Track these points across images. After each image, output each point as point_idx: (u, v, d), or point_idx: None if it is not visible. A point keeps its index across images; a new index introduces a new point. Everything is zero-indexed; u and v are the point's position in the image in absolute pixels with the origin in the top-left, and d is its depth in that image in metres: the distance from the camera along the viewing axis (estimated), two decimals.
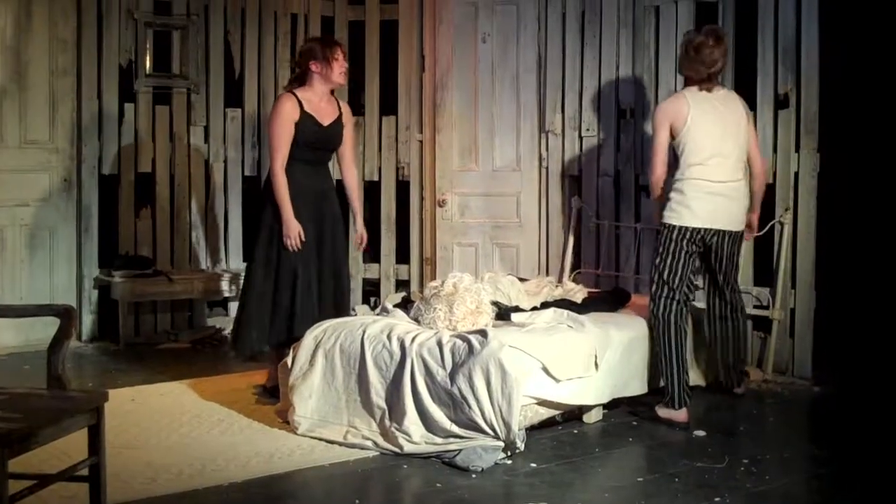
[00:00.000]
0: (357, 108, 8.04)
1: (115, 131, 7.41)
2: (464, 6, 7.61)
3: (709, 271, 5.86)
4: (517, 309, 5.59)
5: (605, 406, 5.46)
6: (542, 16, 7.38)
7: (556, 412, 5.21)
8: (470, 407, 4.73)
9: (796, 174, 6.43)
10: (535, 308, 5.67)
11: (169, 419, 5.30)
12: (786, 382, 6.31)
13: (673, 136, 5.61)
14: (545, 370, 4.95)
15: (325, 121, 5.81)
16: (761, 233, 6.38)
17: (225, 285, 7.62)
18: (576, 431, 5.21)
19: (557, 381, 5.01)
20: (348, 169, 6.10)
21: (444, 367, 4.84)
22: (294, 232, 5.62)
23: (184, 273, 7.59)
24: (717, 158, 5.57)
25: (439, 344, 4.90)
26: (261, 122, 7.87)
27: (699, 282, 6.06)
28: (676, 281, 5.58)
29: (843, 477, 4.61)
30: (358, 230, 6.17)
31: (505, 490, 4.36)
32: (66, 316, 3.86)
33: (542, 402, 5.04)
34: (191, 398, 5.79)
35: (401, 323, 5.29)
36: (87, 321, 7.35)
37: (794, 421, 5.77)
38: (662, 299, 5.59)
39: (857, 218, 6.50)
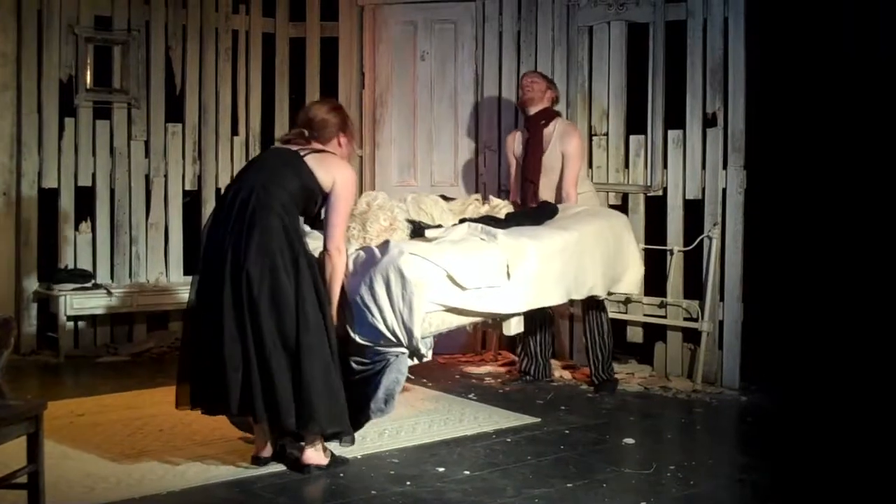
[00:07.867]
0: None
1: (55, 145, 7.41)
2: (403, 24, 7.75)
3: None
4: (437, 227, 5.55)
5: (538, 408, 5.57)
6: (479, 35, 7.55)
7: (469, 321, 5.28)
8: (372, 315, 4.75)
9: (724, 190, 6.64)
10: (454, 225, 5.64)
11: (108, 431, 5.32)
12: (714, 392, 6.49)
13: None
14: (450, 278, 5.00)
15: None
16: (690, 247, 6.64)
17: (165, 299, 7.65)
18: (509, 440, 5.33)
19: (464, 289, 5.06)
20: None
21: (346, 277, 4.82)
22: None
23: (123, 287, 7.60)
24: None
25: None
26: (201, 138, 7.93)
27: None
28: None
29: (768, 483, 4.76)
30: None
31: (438, 497, 4.44)
32: (5, 326, 3.92)
33: (451, 310, 5.09)
34: (130, 410, 5.78)
35: (313, 242, 5.01)
36: (27, 334, 7.32)
37: (721, 429, 5.96)
38: None
39: (783, 232, 6.73)
